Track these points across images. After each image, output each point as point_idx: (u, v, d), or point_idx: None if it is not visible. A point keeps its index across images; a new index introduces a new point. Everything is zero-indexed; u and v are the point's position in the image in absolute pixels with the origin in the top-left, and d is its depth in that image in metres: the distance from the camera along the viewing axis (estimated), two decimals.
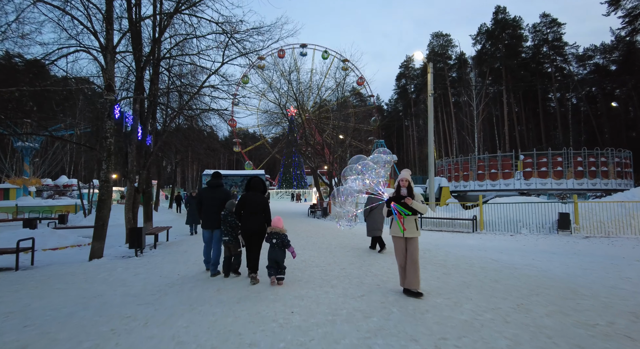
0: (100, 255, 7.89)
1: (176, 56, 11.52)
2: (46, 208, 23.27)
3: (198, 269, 6.71)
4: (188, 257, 8.07)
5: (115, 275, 6.31)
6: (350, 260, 7.27)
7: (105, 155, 8.05)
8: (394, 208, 4.76)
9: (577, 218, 11.43)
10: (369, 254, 7.98)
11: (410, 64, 74.39)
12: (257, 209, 5.63)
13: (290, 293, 4.85)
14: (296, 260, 7.25)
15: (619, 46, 53.85)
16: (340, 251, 8.56)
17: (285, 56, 55.38)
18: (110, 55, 7.88)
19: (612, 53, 55.36)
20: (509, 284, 5.26)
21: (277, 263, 5.37)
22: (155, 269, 6.81)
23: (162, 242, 10.84)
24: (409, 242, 4.79)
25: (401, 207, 4.72)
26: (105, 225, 8.10)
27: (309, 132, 24.93)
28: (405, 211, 4.69)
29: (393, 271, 6.20)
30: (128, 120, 9.91)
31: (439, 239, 10.93)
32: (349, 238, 10.93)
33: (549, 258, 7.51)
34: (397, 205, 4.74)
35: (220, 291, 5.03)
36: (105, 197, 8.06)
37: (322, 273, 6.15)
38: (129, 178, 10.17)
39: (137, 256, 8.31)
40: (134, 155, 10.15)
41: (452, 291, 4.91)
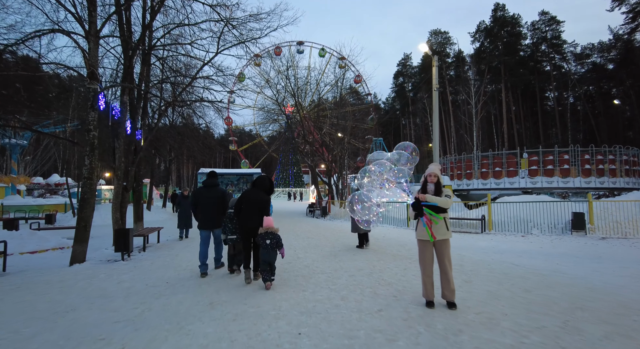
0: (83, 259, 7.17)
1: (168, 45, 10.78)
2: (34, 207, 22.41)
3: (190, 275, 6.02)
4: (179, 261, 7.37)
5: (95, 283, 5.60)
6: (358, 265, 6.60)
7: (88, 149, 7.32)
8: (423, 213, 4.11)
9: (591, 218, 10.84)
10: (378, 258, 7.32)
11: (408, 62, 73.90)
12: (258, 208, 5.49)
13: (295, 308, 4.17)
14: (299, 265, 6.59)
15: (617, 45, 53.69)
16: (345, 254, 7.89)
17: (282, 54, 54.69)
18: (94, 39, 7.15)
19: (609, 52, 55.18)
20: (544, 295, 4.62)
21: (269, 264, 5.09)
22: (141, 275, 6.10)
23: (153, 244, 10.12)
24: (440, 246, 4.16)
25: (430, 211, 4.06)
26: (88, 226, 7.38)
27: (307, 130, 24.24)
28: (436, 215, 4.04)
29: (408, 279, 5.56)
30: (115, 112, 9.18)
31: None
32: (354, 240, 10.27)
33: (574, 262, 6.89)
34: (426, 209, 4.08)
35: (213, 306, 4.34)
36: (88, 196, 7.33)
37: (329, 281, 5.48)
38: (117, 175, 9.43)
39: (123, 260, 7.60)
40: (121, 150, 9.41)
41: (481, 304, 4.26)
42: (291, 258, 7.32)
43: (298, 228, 13.93)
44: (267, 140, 72.52)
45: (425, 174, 4.28)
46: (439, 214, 4.06)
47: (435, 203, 4.06)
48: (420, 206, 4.12)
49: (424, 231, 4.12)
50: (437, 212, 4.06)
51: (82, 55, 7.24)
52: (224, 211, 6.24)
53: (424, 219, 4.12)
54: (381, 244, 9.30)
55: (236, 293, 4.90)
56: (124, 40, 8.85)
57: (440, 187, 4.17)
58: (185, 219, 11.06)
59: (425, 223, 4.09)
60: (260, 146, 72.52)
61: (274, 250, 5.15)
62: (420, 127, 69.02)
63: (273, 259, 5.16)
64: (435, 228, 4.07)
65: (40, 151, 33.45)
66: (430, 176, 4.22)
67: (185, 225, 11.18)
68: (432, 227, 4.08)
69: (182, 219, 11.19)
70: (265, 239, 5.15)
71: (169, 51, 12.08)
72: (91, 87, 7.19)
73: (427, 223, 4.09)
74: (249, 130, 72.66)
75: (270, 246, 5.12)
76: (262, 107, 30.77)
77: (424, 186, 4.23)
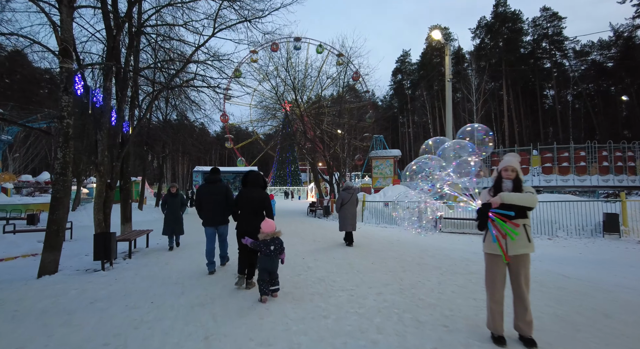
0: (54, 270, 6.07)
1: (159, 25, 9.65)
2: (19, 207, 21.12)
3: (181, 291, 4.95)
4: (169, 272, 6.29)
5: (61, 304, 4.50)
6: (382, 279, 5.55)
7: (61, 140, 6.21)
8: (492, 223, 3.07)
9: (625, 220, 9.90)
10: (402, 268, 6.28)
11: (406, 59, 72.93)
12: (257, 207, 5.13)
13: (319, 345, 3.12)
14: (311, 279, 5.54)
15: (617, 42, 53.16)
16: (362, 262, 6.84)
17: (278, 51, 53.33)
18: (67, 9, 6.02)
19: (609, 49, 54.65)
20: (632, 323, 3.61)
21: (270, 273, 4.56)
22: (122, 291, 5.02)
23: (141, 249, 9.03)
24: (516, 263, 3.11)
25: (502, 222, 3.02)
26: (62, 231, 6.27)
27: (308, 126, 23.17)
28: (512, 231, 2.98)
29: (449, 297, 4.52)
30: (97, 99, 8.05)
31: (469, 244, 9.30)
32: (367, 244, 9.22)
33: (632, 273, 5.90)
34: (496, 219, 3.04)
35: (209, 341, 3.27)
36: (61, 194, 6.22)
37: (354, 301, 4.43)
38: (99, 171, 8.30)
39: (103, 269, 6.50)
40: (105, 143, 8.28)
41: (562, 338, 3.24)
42: (300, 268, 6.27)
43: (301, 230, 12.86)
44: (264, 138, 71.26)
45: (500, 168, 3.23)
46: (517, 220, 3.01)
47: (511, 207, 3.00)
48: (488, 213, 3.08)
49: (494, 244, 3.08)
50: (515, 218, 3.01)
51: (52, 28, 6.10)
52: (228, 207, 6.13)
53: (493, 231, 3.08)
54: (399, 250, 8.27)
55: (238, 320, 3.83)
56: (105, 14, 7.71)
57: (520, 185, 3.11)
58: (173, 223, 8.77)
59: (496, 237, 3.05)
60: (256, 144, 71.29)
61: (277, 257, 4.58)
62: (419, 125, 68.17)
63: (276, 267, 4.62)
64: (511, 242, 3.03)
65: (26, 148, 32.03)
66: (506, 170, 3.16)
67: (174, 231, 8.81)
68: (506, 242, 3.04)
69: (169, 224, 8.78)
70: (269, 245, 4.52)
71: (160, 36, 10.98)
72: (64, 66, 6.07)
73: (497, 237, 3.05)
74: (245, 127, 71.31)
75: (274, 253, 4.53)
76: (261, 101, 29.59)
77: (497, 184, 3.18)
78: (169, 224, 8.78)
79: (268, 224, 4.71)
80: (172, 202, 8.91)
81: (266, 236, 4.56)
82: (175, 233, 8.89)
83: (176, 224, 8.84)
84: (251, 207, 5.12)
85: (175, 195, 9.08)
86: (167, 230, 8.82)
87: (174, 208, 8.89)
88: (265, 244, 4.52)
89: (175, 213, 8.85)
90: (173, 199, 8.97)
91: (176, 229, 8.87)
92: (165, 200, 9.10)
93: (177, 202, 8.95)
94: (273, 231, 4.63)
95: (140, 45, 11.07)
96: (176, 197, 9.03)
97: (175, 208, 8.89)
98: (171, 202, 8.91)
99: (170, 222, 8.78)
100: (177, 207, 8.91)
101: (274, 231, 4.64)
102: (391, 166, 23.77)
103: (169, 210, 8.88)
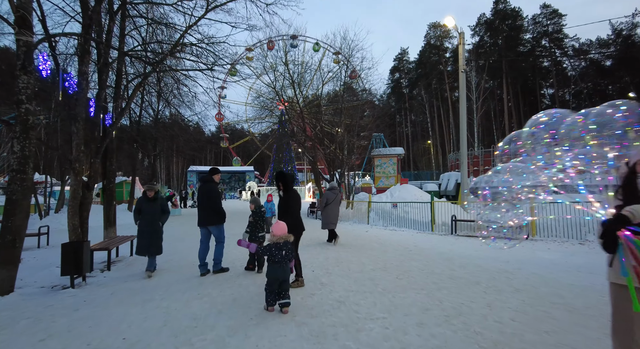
0: (8, 289, 4.93)
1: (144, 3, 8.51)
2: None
3: (163, 321, 3.85)
4: (153, 288, 5.18)
5: (1, 344, 3.39)
6: (418, 302, 4.47)
7: (19, 130, 5.08)
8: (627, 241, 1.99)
9: None
10: (436, 285, 5.20)
11: (404, 57, 72.06)
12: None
13: None
14: (328, 301, 4.46)
15: (617, 41, 52.76)
16: (385, 277, 5.76)
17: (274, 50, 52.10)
18: None
19: (608, 47, 54.24)
20: None
21: (281, 283, 4.05)
22: (88, 321, 3.91)
23: (124, 257, 7.92)
24: None
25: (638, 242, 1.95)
26: (19, 241, 5.13)
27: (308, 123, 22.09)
28: None
29: (512, 328, 3.46)
30: (70, 84, 6.91)
31: (494, 250, 8.26)
32: (385, 252, 8.16)
33: None
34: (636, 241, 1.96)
35: None
36: (18, 196, 5.08)
37: (392, 338, 3.34)
38: (74, 169, 7.17)
39: (73, 287, 5.39)
40: (80, 136, 7.14)
41: None
42: (312, 285, 5.18)
43: (304, 234, 11.73)
44: (260, 137, 70.03)
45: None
46: None
47: None
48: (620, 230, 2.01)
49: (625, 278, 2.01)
50: None
51: None
52: (213, 207, 6.16)
53: (623, 259, 2.01)
54: (421, 259, 7.21)
55: None
56: None
57: None
58: (150, 237, 6.20)
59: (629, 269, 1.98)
60: (252, 143, 70.08)
61: (287, 264, 4.12)
62: (417, 124, 67.38)
63: (289, 275, 4.17)
64: None
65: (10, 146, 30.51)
66: None
67: (149, 248, 6.19)
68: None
69: (144, 238, 6.23)
70: (281, 250, 4.06)
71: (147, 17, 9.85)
72: (21, 39, 4.94)
73: (631, 269, 1.98)
74: (240, 127, 70.05)
75: (285, 259, 4.07)
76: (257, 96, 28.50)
77: (630, 186, 2.12)
78: (145, 239, 6.23)
79: (279, 227, 4.19)
80: (148, 210, 6.34)
81: (278, 239, 4.09)
82: (150, 252, 6.24)
83: (153, 239, 6.23)
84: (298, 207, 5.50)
85: (154, 199, 6.40)
86: (141, 248, 6.24)
87: (151, 217, 6.31)
88: (277, 249, 4.05)
89: (153, 224, 6.29)
90: (150, 205, 6.37)
91: (152, 246, 6.22)
92: (139, 206, 6.42)
93: (156, 209, 6.40)
94: (285, 233, 4.17)
95: (126, 29, 9.96)
96: (154, 203, 6.40)
97: (152, 217, 6.32)
98: (147, 209, 6.35)
99: (145, 236, 6.23)
100: (155, 216, 6.36)
101: (285, 234, 4.16)
102: (394, 164, 22.75)
103: (144, 220, 6.29)
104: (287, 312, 3.98)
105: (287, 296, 4.10)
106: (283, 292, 4.06)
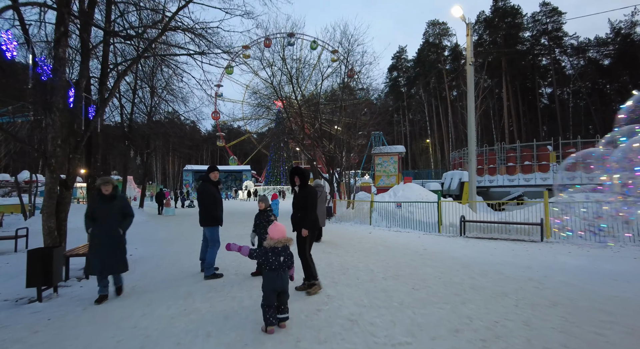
0: None
1: None
2: None
3: (141, 343, 3.17)
4: (134, 303, 4.47)
5: None
6: (443, 320, 3.80)
7: None
8: None
9: None
10: (461, 299, 4.52)
11: (402, 56, 71.46)
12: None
13: None
14: (339, 320, 3.80)
15: (616, 39, 52.47)
16: (399, 288, 5.08)
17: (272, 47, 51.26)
18: None
19: (607, 46, 53.95)
20: None
21: (280, 295, 3.51)
22: (46, 347, 3.20)
23: None
24: None
25: None
26: None
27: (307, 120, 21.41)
28: None
29: None
30: (44, 69, 6.19)
31: (511, 254, 7.61)
32: (393, 256, 7.48)
33: None
34: None
35: None
36: None
37: None
38: (49, 165, 6.44)
39: (40, 300, 4.67)
40: (57, 129, 6.41)
41: None
42: (318, 298, 4.49)
43: None
44: (256, 137, 69.20)
45: None
46: None
47: None
48: None
49: None
50: None
51: None
52: (204, 208, 5.98)
53: None
54: (434, 264, 6.54)
55: None
56: None
57: None
58: (107, 250, 4.56)
59: None
60: (249, 143, 69.30)
61: (286, 272, 3.58)
62: (416, 123, 66.83)
63: (287, 285, 3.59)
64: None
65: None
66: None
67: (106, 266, 4.56)
68: None
69: (98, 252, 4.58)
70: (279, 255, 3.50)
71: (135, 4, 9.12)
72: None
73: None
74: (237, 126, 69.18)
75: (284, 266, 3.52)
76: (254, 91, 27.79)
77: None
78: (98, 251, 4.53)
79: (277, 229, 3.60)
80: (104, 214, 4.57)
81: (276, 243, 3.52)
82: (108, 269, 4.55)
83: (112, 252, 4.55)
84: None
85: (111, 199, 4.66)
86: (97, 265, 4.53)
87: (109, 225, 4.59)
88: (274, 254, 3.49)
89: (112, 234, 4.59)
90: (106, 207, 4.60)
91: (110, 261, 4.53)
92: (92, 209, 4.68)
93: (115, 213, 4.69)
94: (284, 236, 3.58)
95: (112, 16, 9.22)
96: (112, 203, 4.66)
97: (110, 225, 4.60)
98: (103, 212, 4.57)
99: (100, 249, 4.51)
100: (113, 223, 4.65)
101: (285, 237, 3.58)
102: (395, 163, 22.11)
103: (100, 228, 4.57)
104: (284, 326, 3.52)
105: (286, 309, 3.58)
106: (282, 305, 3.55)
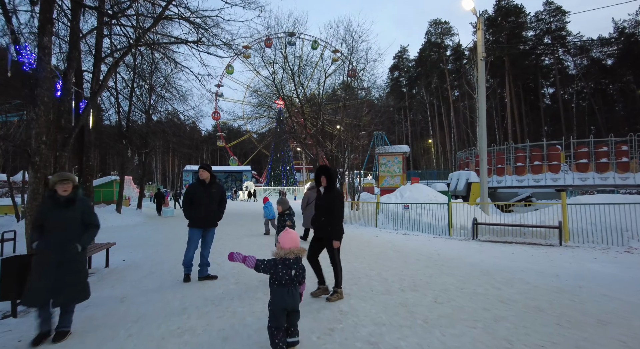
0: None
1: None
2: None
3: None
4: (121, 319, 3.93)
5: None
6: (477, 342, 3.27)
7: None
8: None
9: None
10: (492, 315, 3.98)
11: (404, 55, 71.03)
12: None
13: None
14: (356, 344, 3.23)
15: (620, 39, 52.00)
16: (420, 302, 4.54)
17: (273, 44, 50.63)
18: None
19: (610, 46, 53.50)
20: None
21: (290, 314, 2.90)
22: None
23: (99, 269, 6.66)
24: None
25: None
26: None
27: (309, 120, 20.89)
28: None
29: None
30: (27, 59, 5.66)
31: (531, 259, 7.07)
32: (406, 263, 6.94)
33: None
34: None
35: None
36: None
37: None
38: (33, 164, 5.92)
39: (15, 316, 4.14)
40: (41, 124, 5.89)
41: None
42: (330, 315, 3.95)
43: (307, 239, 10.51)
44: (257, 137, 68.67)
45: None
46: None
47: None
48: None
49: None
50: None
51: None
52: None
53: None
54: (451, 272, 6.00)
55: None
56: None
57: None
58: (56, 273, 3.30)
59: None
60: (249, 143, 68.75)
61: (297, 288, 3.01)
62: (418, 123, 66.31)
63: (298, 304, 2.99)
64: None
65: None
66: None
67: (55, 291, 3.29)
68: None
69: (48, 276, 3.28)
70: (290, 268, 2.93)
71: None
72: None
73: None
74: (237, 126, 68.70)
75: (295, 281, 2.96)
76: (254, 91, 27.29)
77: None
78: (44, 273, 3.30)
79: (290, 237, 3.02)
80: (58, 221, 3.41)
81: (287, 254, 2.94)
82: (58, 297, 3.33)
83: (66, 274, 3.36)
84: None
85: (68, 202, 3.46)
86: (37, 292, 3.27)
87: (62, 235, 3.40)
88: (285, 267, 2.93)
89: (65, 248, 3.38)
90: (61, 213, 3.42)
91: (61, 285, 3.33)
92: (40, 216, 3.49)
93: (73, 220, 3.48)
94: (297, 246, 3.00)
95: None
96: (69, 208, 3.46)
97: (64, 236, 3.41)
98: (57, 220, 3.41)
99: (47, 269, 3.31)
100: (69, 234, 3.43)
101: (297, 247, 2.99)
102: (400, 163, 21.58)
103: (53, 241, 3.36)
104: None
105: (296, 332, 3.03)
106: (292, 327, 3.01)
